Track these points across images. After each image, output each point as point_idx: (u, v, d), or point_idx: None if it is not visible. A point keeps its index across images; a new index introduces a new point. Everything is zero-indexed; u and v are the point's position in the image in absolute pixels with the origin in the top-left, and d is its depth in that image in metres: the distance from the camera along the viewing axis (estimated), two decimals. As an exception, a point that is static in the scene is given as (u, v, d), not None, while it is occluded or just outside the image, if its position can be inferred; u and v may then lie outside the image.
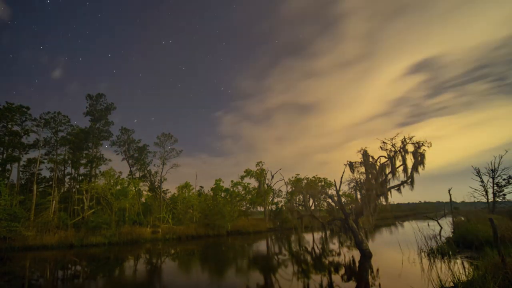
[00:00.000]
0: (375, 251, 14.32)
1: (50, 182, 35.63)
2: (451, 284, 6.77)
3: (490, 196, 27.66)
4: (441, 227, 14.88)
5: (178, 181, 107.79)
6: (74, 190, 35.26)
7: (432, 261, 11.39)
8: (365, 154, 15.05)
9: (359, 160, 15.14)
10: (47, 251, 19.31)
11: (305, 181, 40.28)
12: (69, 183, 38.54)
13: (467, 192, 29.68)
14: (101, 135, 39.82)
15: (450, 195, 18.93)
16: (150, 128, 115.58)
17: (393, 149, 14.63)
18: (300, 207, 19.47)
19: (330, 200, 16.67)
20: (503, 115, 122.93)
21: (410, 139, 14.40)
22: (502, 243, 6.94)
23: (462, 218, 21.66)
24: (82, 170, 38.65)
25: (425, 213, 56.44)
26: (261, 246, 22.80)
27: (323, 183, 41.21)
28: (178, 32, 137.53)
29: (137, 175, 43.45)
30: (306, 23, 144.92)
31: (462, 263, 10.65)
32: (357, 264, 12.51)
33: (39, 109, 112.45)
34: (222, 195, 38.41)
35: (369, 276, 10.18)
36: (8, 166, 31.94)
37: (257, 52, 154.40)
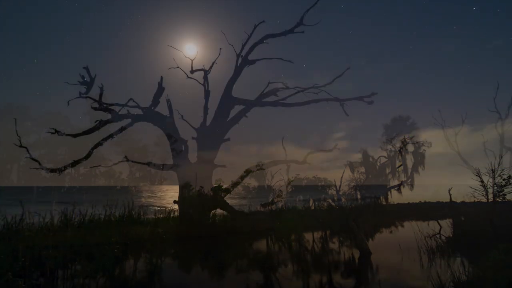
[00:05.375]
0: (375, 250, 14.33)
1: (50, 182, 35.73)
2: (451, 284, 6.79)
3: (490, 196, 27.68)
4: (441, 227, 14.92)
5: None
6: (74, 190, 35.35)
7: (431, 260, 11.41)
8: (365, 154, 15.10)
9: (359, 160, 15.19)
10: (47, 251, 19.30)
11: (305, 181, 40.29)
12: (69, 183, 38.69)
13: (467, 192, 29.65)
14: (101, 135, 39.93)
15: (450, 195, 18.88)
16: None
17: (393, 149, 14.68)
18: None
19: (330, 200, 16.70)
20: None
21: (410, 139, 14.45)
22: (501, 243, 6.95)
23: (462, 218, 21.63)
24: (82, 170, 38.80)
25: (425, 213, 56.49)
26: (261, 245, 22.82)
27: (323, 183, 41.26)
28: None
29: (137, 175, 43.56)
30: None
31: (462, 262, 10.67)
32: (356, 263, 12.54)
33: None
34: (222, 195, 38.42)
35: (369, 274, 10.20)
36: (8, 166, 31.99)
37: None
